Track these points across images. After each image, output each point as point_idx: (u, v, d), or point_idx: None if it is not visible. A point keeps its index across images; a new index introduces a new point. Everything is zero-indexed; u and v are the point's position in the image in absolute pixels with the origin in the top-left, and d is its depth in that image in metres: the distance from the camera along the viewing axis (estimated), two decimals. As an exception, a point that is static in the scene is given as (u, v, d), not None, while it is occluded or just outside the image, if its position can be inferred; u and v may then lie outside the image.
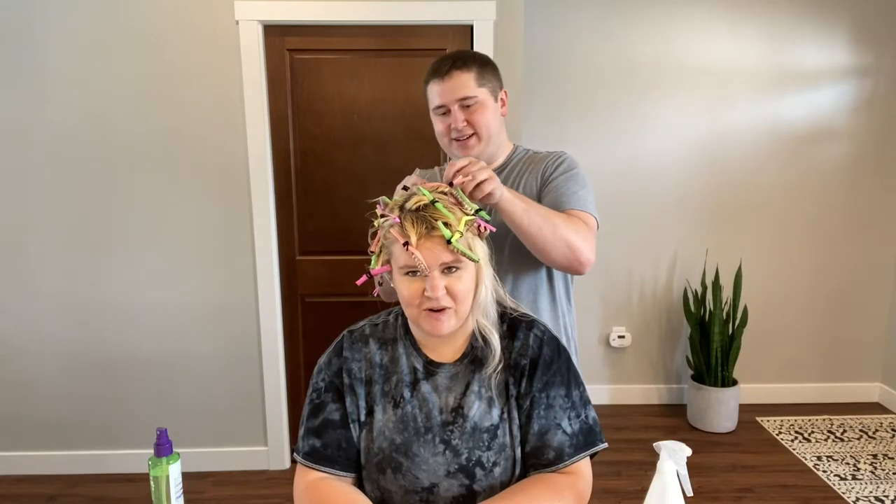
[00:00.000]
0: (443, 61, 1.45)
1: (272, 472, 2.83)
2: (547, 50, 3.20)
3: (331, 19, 2.54)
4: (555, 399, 1.09)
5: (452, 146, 1.48)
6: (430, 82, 1.47)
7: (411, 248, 1.00)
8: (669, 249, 3.39)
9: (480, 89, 1.43)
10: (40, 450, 2.80)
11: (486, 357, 1.10)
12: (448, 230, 1.00)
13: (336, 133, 2.68)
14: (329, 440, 1.09)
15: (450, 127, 1.45)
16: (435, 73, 1.45)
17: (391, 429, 1.08)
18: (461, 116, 1.43)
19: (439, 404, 1.09)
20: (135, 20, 2.51)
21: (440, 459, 1.06)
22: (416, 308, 1.05)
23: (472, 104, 1.43)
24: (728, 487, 2.65)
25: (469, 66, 1.43)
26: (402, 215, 1.03)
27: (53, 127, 2.57)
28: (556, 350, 1.13)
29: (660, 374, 3.52)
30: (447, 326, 1.05)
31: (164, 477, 1.16)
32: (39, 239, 2.65)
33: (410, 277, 1.04)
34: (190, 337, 2.74)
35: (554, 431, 1.07)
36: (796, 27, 3.21)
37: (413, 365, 1.12)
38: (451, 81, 1.42)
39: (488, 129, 1.45)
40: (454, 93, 1.42)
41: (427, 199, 1.04)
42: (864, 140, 3.31)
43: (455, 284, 1.03)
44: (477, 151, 1.46)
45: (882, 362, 3.49)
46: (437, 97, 1.44)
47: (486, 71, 1.46)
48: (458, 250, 1.01)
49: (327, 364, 1.14)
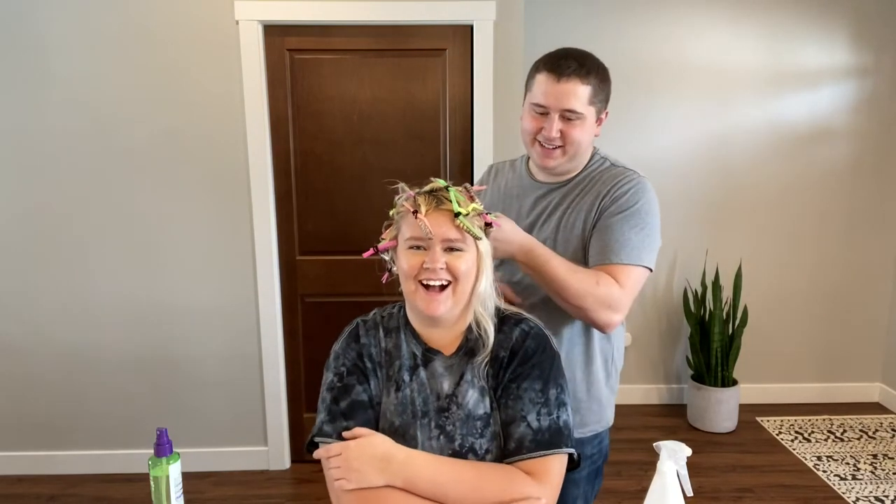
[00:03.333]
0: (566, 59, 1.31)
1: (272, 472, 2.83)
2: (547, 50, 3.19)
3: (331, 19, 2.54)
4: (525, 391, 1.09)
5: (534, 147, 1.38)
6: (541, 72, 1.33)
7: (419, 216, 1.05)
8: (669, 249, 3.38)
9: (589, 107, 1.33)
10: (40, 450, 2.80)
11: (479, 348, 1.12)
12: (458, 206, 1.06)
13: (336, 133, 2.68)
14: (361, 421, 1.09)
15: (540, 129, 1.34)
16: (553, 68, 1.31)
17: (392, 411, 1.11)
18: (558, 126, 1.32)
19: (436, 390, 1.11)
20: (135, 20, 2.51)
21: (435, 444, 1.09)
22: (413, 281, 1.08)
23: (573, 118, 1.32)
24: (728, 487, 2.65)
25: (590, 78, 1.32)
26: (417, 192, 1.11)
27: (53, 127, 2.57)
28: (541, 345, 1.13)
29: (660, 374, 3.52)
30: (443, 307, 1.07)
31: (164, 477, 1.16)
32: (37, 239, 2.65)
33: (414, 251, 1.08)
34: (190, 337, 2.74)
35: (518, 423, 1.07)
36: (796, 27, 3.21)
37: (413, 350, 1.14)
38: (566, 87, 1.30)
39: (577, 147, 1.35)
40: (563, 101, 1.30)
41: (441, 185, 1.11)
42: (864, 140, 3.31)
43: (456, 262, 1.07)
44: (557, 163, 1.37)
45: (882, 362, 3.49)
46: (542, 96, 1.32)
47: (602, 89, 1.35)
48: (463, 226, 1.06)
49: (345, 350, 1.15)
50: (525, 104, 1.39)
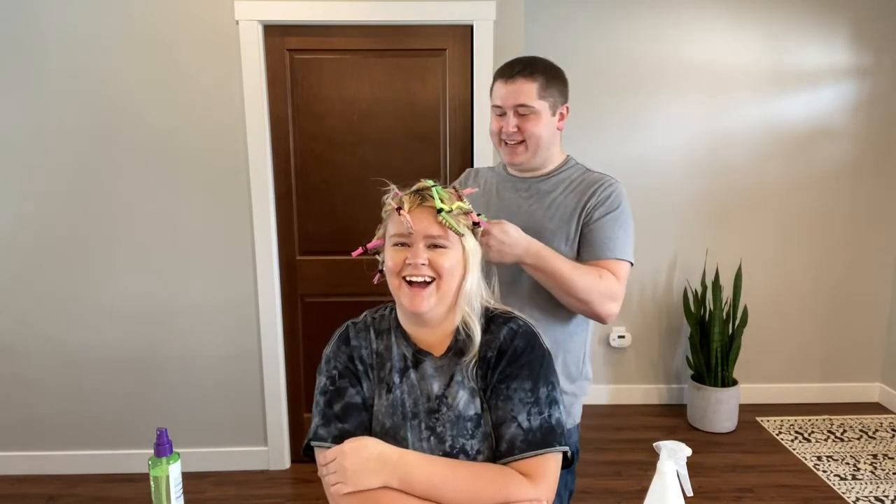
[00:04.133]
0: (513, 64, 1.48)
1: (272, 472, 2.83)
2: (547, 50, 3.16)
3: (331, 19, 2.54)
4: (515, 391, 1.08)
5: (502, 147, 1.52)
6: (496, 80, 1.50)
7: (402, 212, 1.07)
8: (669, 249, 3.38)
9: (540, 101, 1.45)
10: (40, 450, 2.80)
11: (467, 349, 1.12)
12: (440, 203, 1.08)
13: (336, 133, 2.68)
14: (356, 423, 1.10)
15: (502, 128, 1.48)
16: (503, 73, 1.48)
17: (383, 413, 1.12)
18: (514, 122, 1.46)
19: (427, 391, 1.11)
20: (135, 20, 2.51)
21: (426, 445, 1.09)
22: (397, 277, 1.09)
23: (527, 113, 1.45)
24: (728, 487, 2.65)
25: (535, 76, 1.45)
26: (403, 191, 1.13)
27: (53, 127, 2.57)
28: (529, 344, 1.12)
29: (660, 374, 3.52)
30: (427, 304, 1.08)
31: (164, 477, 1.16)
32: (37, 239, 2.65)
33: (398, 248, 1.10)
34: (190, 337, 2.74)
35: (509, 424, 1.07)
36: (796, 27, 3.21)
37: (403, 352, 1.14)
38: (514, 86, 1.45)
39: (537, 140, 1.47)
40: (513, 98, 1.45)
41: (429, 185, 1.12)
42: (864, 140, 3.31)
43: (439, 259, 1.08)
44: (523, 159, 1.50)
45: (882, 362, 3.49)
46: (498, 98, 1.48)
47: (552, 84, 1.48)
48: (446, 223, 1.07)
49: (336, 353, 1.16)
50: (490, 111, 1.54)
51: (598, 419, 3.26)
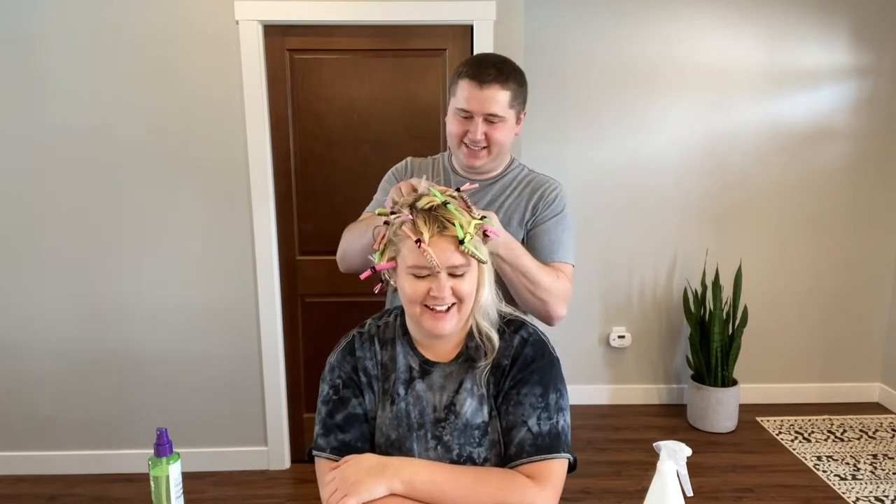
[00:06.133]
0: (486, 68, 1.40)
1: (272, 472, 2.83)
2: (547, 50, 3.20)
3: (331, 19, 2.54)
4: (525, 396, 1.09)
5: (461, 150, 1.47)
6: (463, 79, 1.41)
7: (424, 246, 1.01)
8: (669, 249, 3.38)
9: (510, 110, 1.43)
10: (40, 450, 2.80)
11: (479, 356, 1.11)
12: (461, 231, 1.03)
13: (336, 133, 2.68)
14: (357, 434, 1.10)
15: (465, 132, 1.43)
16: (475, 75, 1.39)
17: (387, 425, 1.11)
18: (482, 129, 1.42)
19: (433, 402, 1.11)
20: (134, 20, 2.51)
21: (432, 455, 1.09)
22: (419, 306, 1.07)
23: (495, 121, 1.42)
24: (728, 487, 2.65)
25: (509, 84, 1.41)
26: (415, 213, 1.05)
27: (53, 127, 2.57)
28: (539, 352, 1.13)
29: (660, 374, 3.52)
30: (449, 326, 1.07)
31: (164, 477, 1.16)
32: (39, 239, 2.65)
33: (418, 279, 1.05)
34: (190, 337, 2.74)
35: (519, 428, 1.07)
36: (796, 27, 3.21)
37: (409, 364, 1.14)
38: (487, 93, 1.39)
39: (500, 147, 1.46)
40: (485, 106, 1.40)
41: (439, 201, 1.06)
42: (864, 140, 3.31)
43: (460, 285, 1.05)
44: (483, 162, 1.48)
45: (882, 362, 3.49)
46: (465, 102, 1.41)
47: (521, 92, 1.46)
48: (468, 251, 1.03)
49: (340, 362, 1.15)
50: (450, 108, 1.48)
51: (598, 419, 3.26)
